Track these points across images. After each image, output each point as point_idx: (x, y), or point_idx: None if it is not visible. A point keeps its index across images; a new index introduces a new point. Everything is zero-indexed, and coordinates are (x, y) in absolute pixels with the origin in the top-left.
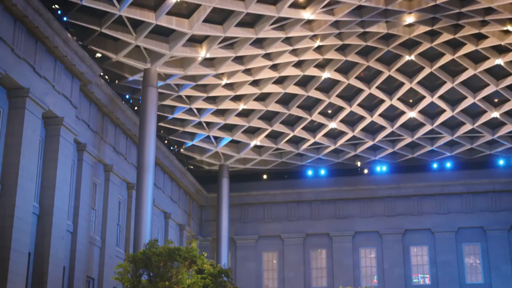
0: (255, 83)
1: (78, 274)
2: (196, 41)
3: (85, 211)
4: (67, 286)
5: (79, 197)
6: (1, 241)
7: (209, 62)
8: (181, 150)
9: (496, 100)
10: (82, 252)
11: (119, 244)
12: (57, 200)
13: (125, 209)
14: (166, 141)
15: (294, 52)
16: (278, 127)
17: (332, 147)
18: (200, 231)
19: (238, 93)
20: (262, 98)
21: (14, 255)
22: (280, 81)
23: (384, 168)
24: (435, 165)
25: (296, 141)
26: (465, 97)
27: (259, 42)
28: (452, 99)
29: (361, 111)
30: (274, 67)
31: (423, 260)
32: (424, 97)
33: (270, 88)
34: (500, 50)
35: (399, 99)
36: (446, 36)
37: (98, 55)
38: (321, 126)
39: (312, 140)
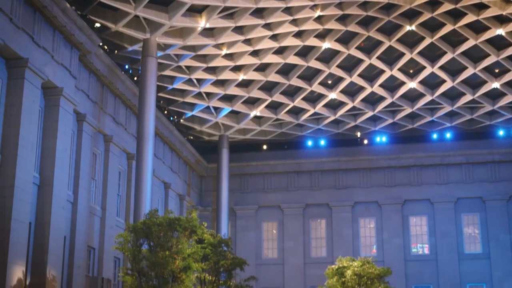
0: (255, 53)
1: (79, 244)
2: (195, 10)
3: (85, 181)
4: (68, 256)
5: (79, 167)
6: (2, 211)
7: (208, 32)
8: (181, 120)
9: (496, 71)
10: (83, 222)
11: (120, 214)
12: (57, 170)
13: (125, 180)
14: (165, 112)
15: (294, 22)
16: (278, 97)
17: (332, 118)
18: (200, 201)
19: (238, 63)
20: (262, 68)
21: (15, 225)
22: (280, 51)
23: (384, 139)
24: (435, 136)
25: (296, 111)
26: (466, 68)
27: (259, 12)
28: (453, 69)
29: (361, 82)
30: (274, 37)
31: (422, 230)
32: (424, 67)
33: (270, 58)
34: (501, 20)
35: (399, 69)
36: (447, 6)
37: (97, 25)
38: (321, 96)
39: (312, 111)
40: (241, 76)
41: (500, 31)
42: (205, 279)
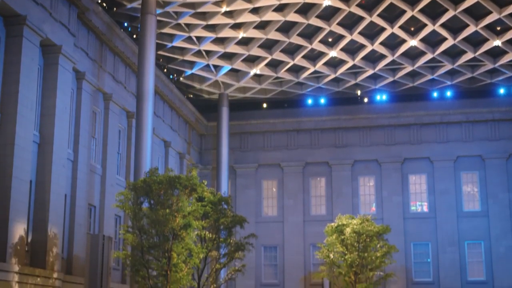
0: (255, 10)
1: (80, 202)
2: None
3: (85, 140)
4: (69, 214)
5: (79, 126)
6: (2, 169)
7: None
8: (181, 78)
9: (498, 28)
10: (83, 180)
11: (120, 172)
12: (57, 129)
13: (125, 138)
14: (165, 70)
15: None
16: (278, 55)
17: (332, 76)
18: (200, 160)
19: (238, 21)
20: (262, 26)
21: (16, 183)
22: (280, 8)
23: (384, 97)
24: (435, 94)
25: (296, 69)
26: (467, 25)
27: None
28: (454, 27)
29: (361, 40)
30: None
31: (422, 188)
32: (425, 25)
33: (270, 16)
34: None
35: (400, 27)
36: None
37: None
38: (321, 54)
39: (312, 69)
40: (241, 34)
41: None
42: (205, 236)
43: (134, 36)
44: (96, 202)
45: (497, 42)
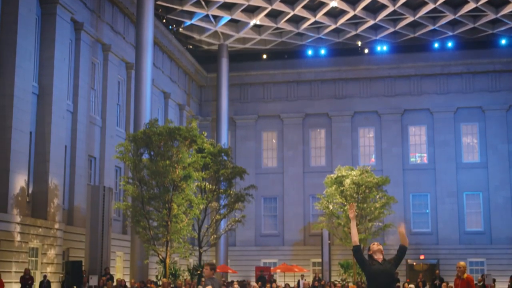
0: None
1: (80, 153)
2: None
3: (84, 91)
4: (69, 165)
5: (78, 77)
6: (2, 121)
7: None
8: (180, 29)
9: None
10: (83, 131)
11: (120, 124)
12: (56, 80)
13: (124, 89)
14: (164, 20)
15: None
16: (278, 5)
17: (333, 27)
18: (200, 111)
19: None
20: None
21: (15, 134)
22: None
23: (385, 48)
24: (436, 45)
25: (296, 20)
26: None
27: None
28: None
29: None
30: None
31: (421, 139)
32: None
33: None
34: None
35: None
36: None
37: None
38: (321, 4)
39: (312, 19)
40: None
41: None
42: (205, 188)
43: None
44: (96, 153)
45: None
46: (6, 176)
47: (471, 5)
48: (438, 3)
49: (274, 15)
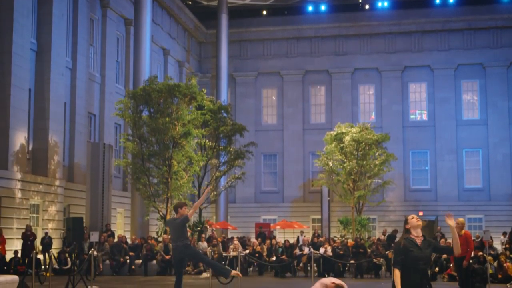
0: None
1: (79, 110)
2: None
3: (83, 48)
4: (69, 122)
5: (77, 34)
6: (1, 77)
7: None
8: None
9: None
10: (82, 88)
11: (119, 81)
12: (54, 36)
13: (123, 46)
14: None
15: None
16: None
17: None
18: (200, 68)
19: None
20: None
21: (15, 91)
22: None
23: (386, 4)
24: (437, 1)
25: None
26: None
27: None
28: None
29: None
30: None
31: (421, 96)
32: None
33: None
34: None
35: None
36: None
37: None
38: None
39: None
40: None
41: None
42: (205, 145)
43: None
44: (96, 110)
45: None
46: (6, 133)
47: None
48: None
49: None
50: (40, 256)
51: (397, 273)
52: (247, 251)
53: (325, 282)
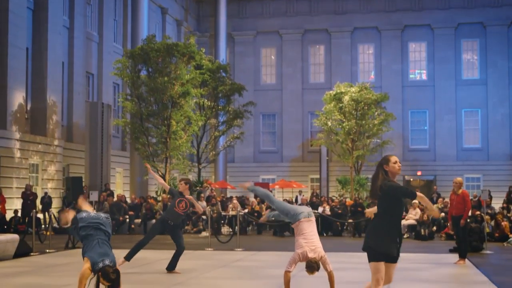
0: None
1: (77, 69)
2: None
3: (80, 7)
4: (67, 82)
5: None
6: None
7: None
8: None
9: None
10: (80, 47)
11: (117, 40)
12: None
13: (121, 5)
14: None
15: None
16: None
17: None
18: (198, 27)
19: None
20: None
21: (12, 50)
22: None
23: None
24: None
25: None
26: None
27: None
28: None
29: None
30: None
31: (421, 56)
32: None
33: None
34: None
35: None
36: None
37: None
38: None
39: None
40: None
41: None
42: (204, 104)
43: None
44: (94, 70)
45: None
46: (4, 93)
47: None
48: None
49: None
50: (40, 215)
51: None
52: (246, 210)
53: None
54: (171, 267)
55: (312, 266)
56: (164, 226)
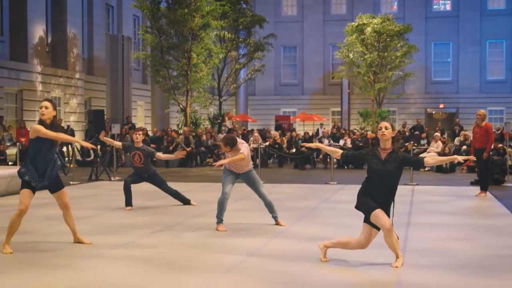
0: None
1: (97, 2)
2: None
3: None
4: (87, 14)
5: None
6: None
7: None
8: None
9: None
10: None
11: None
12: None
13: None
14: None
15: None
16: None
17: None
18: None
19: None
20: None
21: None
22: None
23: None
24: None
25: None
26: None
27: None
28: None
29: None
30: None
31: None
32: None
33: None
34: None
35: None
36: None
37: None
38: None
39: None
40: None
41: None
42: (224, 37)
43: None
44: (114, 2)
45: None
46: (24, 26)
47: None
48: None
49: None
50: (64, 149)
51: (324, 146)
52: (267, 143)
53: None
54: (185, 202)
55: None
56: (141, 178)
